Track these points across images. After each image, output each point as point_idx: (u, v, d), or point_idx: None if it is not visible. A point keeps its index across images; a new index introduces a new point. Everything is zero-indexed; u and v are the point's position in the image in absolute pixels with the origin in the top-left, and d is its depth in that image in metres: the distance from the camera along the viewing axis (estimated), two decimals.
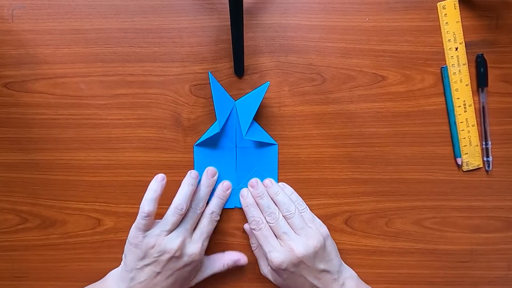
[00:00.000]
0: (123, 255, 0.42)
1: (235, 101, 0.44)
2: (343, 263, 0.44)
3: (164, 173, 0.44)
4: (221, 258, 0.44)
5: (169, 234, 0.40)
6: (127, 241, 0.41)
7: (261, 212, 0.43)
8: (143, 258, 0.40)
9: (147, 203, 0.40)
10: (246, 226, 0.45)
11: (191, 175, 0.43)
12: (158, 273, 0.39)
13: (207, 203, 0.44)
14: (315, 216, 0.44)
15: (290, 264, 0.40)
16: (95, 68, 0.45)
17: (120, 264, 0.43)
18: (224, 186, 0.44)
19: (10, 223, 0.46)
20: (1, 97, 0.45)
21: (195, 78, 0.45)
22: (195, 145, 0.45)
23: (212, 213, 0.43)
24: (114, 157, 0.45)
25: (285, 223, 0.42)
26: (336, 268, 0.41)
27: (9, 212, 0.46)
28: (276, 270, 0.40)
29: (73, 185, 0.45)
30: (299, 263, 0.39)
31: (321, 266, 0.40)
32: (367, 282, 0.45)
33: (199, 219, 0.43)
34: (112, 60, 0.45)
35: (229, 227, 0.46)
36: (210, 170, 0.44)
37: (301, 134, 0.45)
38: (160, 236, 0.40)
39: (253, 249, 0.45)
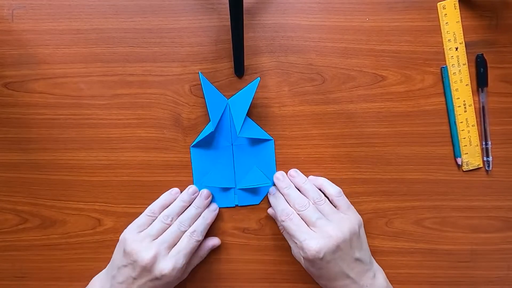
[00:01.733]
0: (114, 253, 0.42)
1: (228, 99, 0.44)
2: (372, 257, 0.43)
3: (164, 173, 0.44)
4: (197, 253, 0.44)
5: (152, 240, 0.40)
6: (121, 236, 0.41)
7: (289, 204, 0.42)
8: (124, 257, 0.40)
9: (157, 206, 0.43)
10: (270, 210, 0.44)
11: (188, 191, 0.43)
12: (134, 279, 0.39)
13: None
14: (351, 204, 0.43)
15: (328, 251, 0.37)
16: (95, 68, 0.45)
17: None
18: (203, 195, 0.44)
19: (10, 223, 0.46)
20: (1, 97, 0.45)
21: (195, 78, 0.45)
22: (191, 147, 0.45)
23: (193, 232, 0.41)
24: (114, 157, 0.45)
25: (316, 209, 0.40)
26: (368, 259, 0.41)
27: (9, 212, 0.46)
28: (312, 259, 0.38)
29: (73, 185, 0.45)
30: (336, 249, 0.38)
31: (356, 254, 0.39)
32: None
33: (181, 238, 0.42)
34: (112, 60, 0.45)
35: (229, 227, 0.46)
36: (204, 193, 0.44)
37: (301, 134, 0.45)
38: (143, 241, 0.40)
39: (281, 231, 0.44)
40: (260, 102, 0.45)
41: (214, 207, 0.44)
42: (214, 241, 0.45)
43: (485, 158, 0.45)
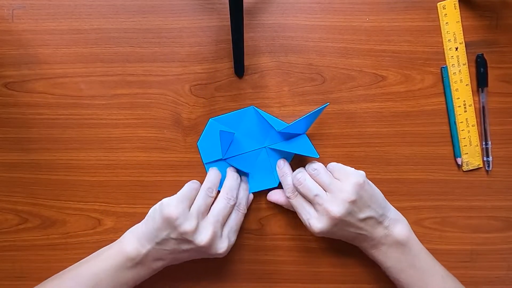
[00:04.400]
0: (149, 217, 0.40)
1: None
2: (389, 205, 0.42)
3: (164, 173, 0.44)
4: None
5: (203, 218, 0.40)
6: (159, 205, 0.39)
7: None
8: (173, 231, 0.38)
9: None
10: (272, 196, 0.45)
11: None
12: (184, 250, 0.39)
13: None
14: (345, 166, 0.41)
15: (330, 227, 0.39)
16: (95, 68, 0.45)
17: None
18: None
19: (10, 223, 0.46)
20: (1, 97, 0.45)
21: (195, 78, 0.45)
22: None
23: (239, 205, 0.42)
24: (114, 157, 0.45)
25: (314, 183, 0.41)
26: (380, 212, 0.40)
27: (9, 212, 0.46)
28: (319, 235, 0.41)
29: (73, 185, 0.45)
30: (338, 222, 0.39)
31: (361, 215, 0.39)
32: (367, 282, 0.45)
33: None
34: (112, 60, 0.45)
35: None
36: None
37: None
38: (193, 219, 0.38)
39: (290, 208, 0.44)
40: (260, 102, 0.45)
41: (245, 179, 0.45)
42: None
43: (485, 158, 0.45)
